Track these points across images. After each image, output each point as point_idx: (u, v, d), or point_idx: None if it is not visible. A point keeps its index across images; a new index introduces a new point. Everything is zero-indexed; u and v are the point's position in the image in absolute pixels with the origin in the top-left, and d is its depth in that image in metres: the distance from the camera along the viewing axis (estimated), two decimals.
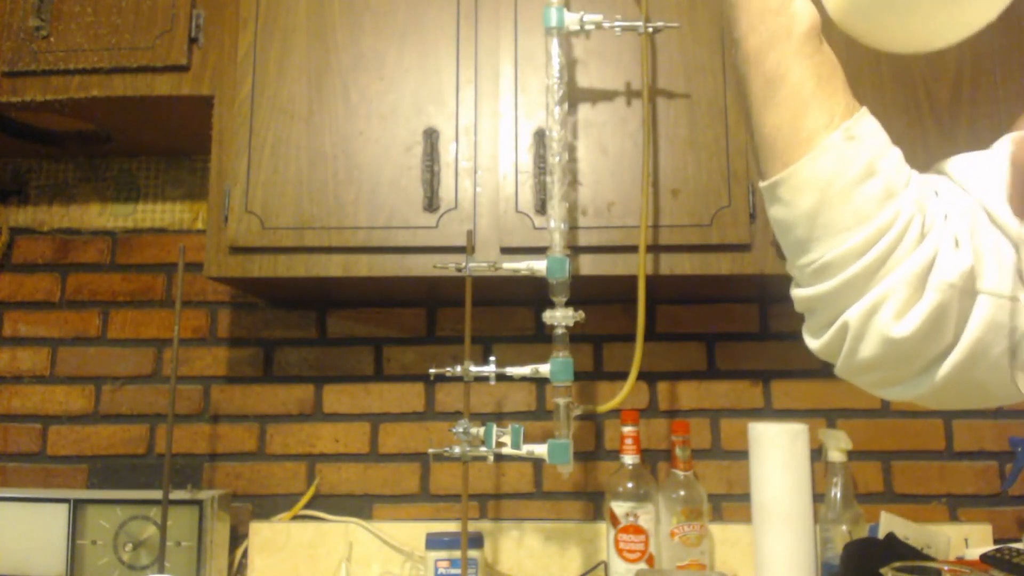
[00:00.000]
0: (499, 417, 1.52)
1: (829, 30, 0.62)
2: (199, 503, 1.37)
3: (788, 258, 0.61)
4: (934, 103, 1.24)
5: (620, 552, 1.33)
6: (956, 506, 1.48)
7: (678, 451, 1.37)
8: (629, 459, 1.36)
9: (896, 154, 0.57)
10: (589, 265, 1.23)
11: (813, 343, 0.60)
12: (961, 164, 0.60)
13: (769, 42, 0.59)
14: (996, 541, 1.43)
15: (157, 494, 1.35)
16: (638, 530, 1.32)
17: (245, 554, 1.48)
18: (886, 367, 0.56)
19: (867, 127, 0.57)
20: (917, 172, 0.58)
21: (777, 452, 1.27)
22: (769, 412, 1.51)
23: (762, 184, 0.60)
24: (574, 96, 1.26)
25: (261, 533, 1.48)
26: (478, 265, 1.20)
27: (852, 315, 0.55)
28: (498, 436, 1.19)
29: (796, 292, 0.60)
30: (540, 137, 1.24)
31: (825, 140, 0.56)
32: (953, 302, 0.53)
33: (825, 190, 0.55)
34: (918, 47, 0.64)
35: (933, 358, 0.55)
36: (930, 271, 0.53)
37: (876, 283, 0.54)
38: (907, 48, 0.65)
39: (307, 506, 1.51)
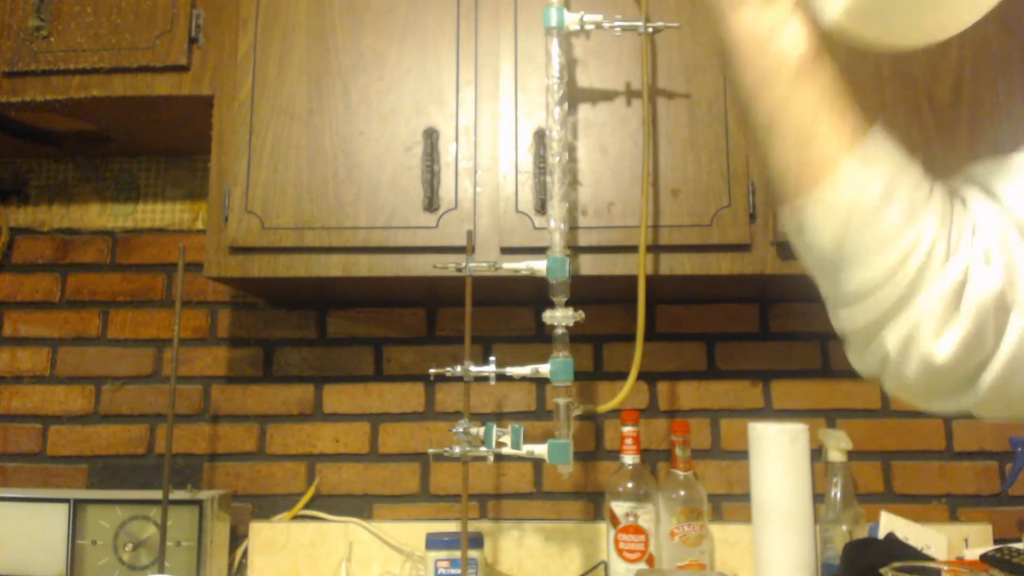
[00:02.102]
0: (499, 417, 1.52)
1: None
2: (199, 503, 1.36)
3: (818, 283, 0.61)
4: (934, 103, 1.24)
5: (620, 552, 1.33)
6: (956, 506, 1.48)
7: (678, 451, 1.37)
8: (629, 459, 1.36)
9: (914, 171, 0.57)
10: (589, 265, 1.23)
11: (858, 365, 0.61)
12: (989, 170, 0.60)
13: (762, 80, 0.59)
14: (996, 541, 1.43)
15: (157, 494, 1.35)
16: (638, 530, 1.32)
17: (245, 554, 1.49)
18: (932, 385, 0.56)
19: (881, 147, 0.57)
20: (940, 184, 0.57)
21: (777, 452, 1.27)
22: (769, 412, 1.51)
23: (781, 211, 0.60)
24: (574, 96, 1.26)
25: (261, 533, 1.48)
26: (478, 265, 1.20)
27: (891, 343, 0.55)
28: (498, 436, 1.19)
29: (834, 319, 0.61)
30: (540, 137, 1.24)
31: (840, 166, 0.56)
32: (989, 319, 0.53)
33: (848, 218, 0.55)
34: (927, 37, 0.63)
35: (975, 368, 0.55)
36: (963, 290, 0.53)
37: (909, 306, 0.54)
38: (915, 40, 0.63)
39: (307, 506, 1.51)
